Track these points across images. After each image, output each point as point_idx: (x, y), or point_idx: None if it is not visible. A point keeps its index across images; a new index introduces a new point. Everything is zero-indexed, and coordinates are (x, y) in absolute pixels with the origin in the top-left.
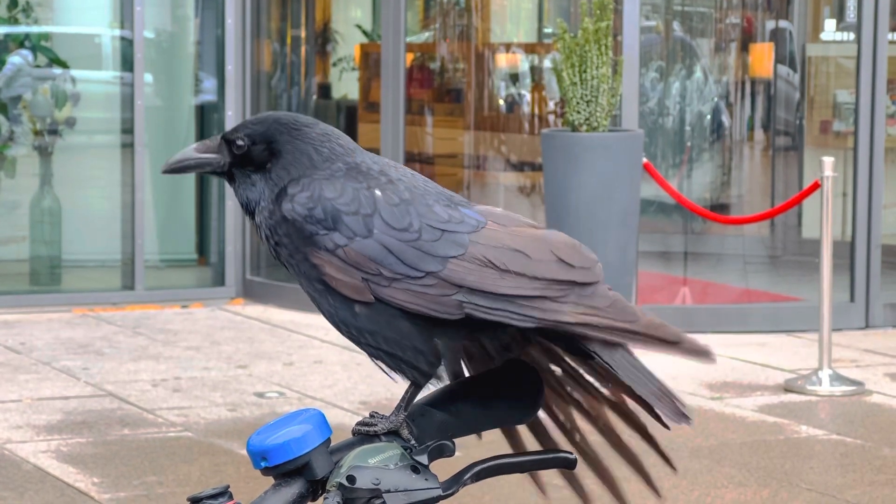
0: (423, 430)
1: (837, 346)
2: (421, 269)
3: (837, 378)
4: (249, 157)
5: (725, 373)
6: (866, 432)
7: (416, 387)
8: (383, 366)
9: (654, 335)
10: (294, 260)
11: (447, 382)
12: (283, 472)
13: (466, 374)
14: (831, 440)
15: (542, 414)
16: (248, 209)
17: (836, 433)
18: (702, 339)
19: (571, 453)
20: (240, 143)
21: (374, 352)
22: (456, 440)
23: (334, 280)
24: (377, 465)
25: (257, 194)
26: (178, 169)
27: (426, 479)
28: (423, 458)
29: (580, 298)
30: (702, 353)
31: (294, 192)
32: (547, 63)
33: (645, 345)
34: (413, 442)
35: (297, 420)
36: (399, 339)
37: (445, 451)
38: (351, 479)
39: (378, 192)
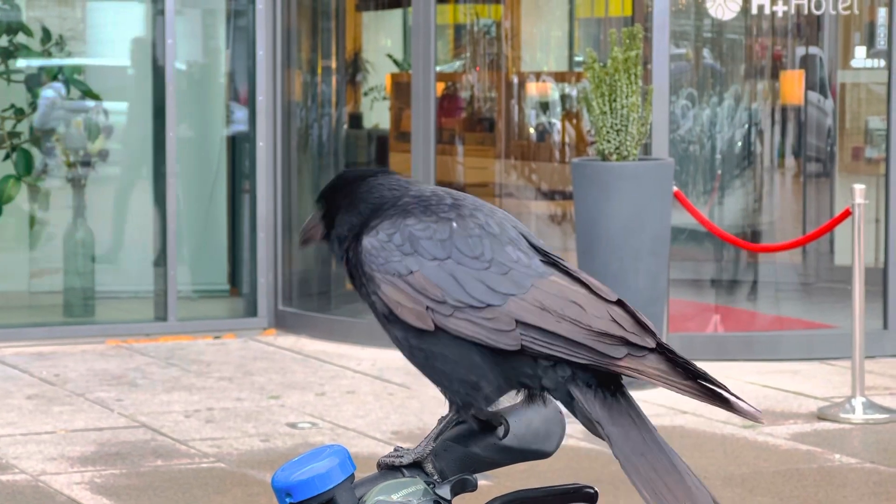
0: (445, 464)
1: (871, 373)
2: (483, 301)
3: (871, 406)
4: (331, 216)
5: (758, 401)
6: None
7: (454, 418)
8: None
9: (704, 391)
10: (367, 290)
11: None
12: None
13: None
14: (865, 468)
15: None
16: (338, 260)
17: (869, 461)
18: (734, 366)
19: (593, 487)
20: (318, 206)
21: (440, 379)
22: (481, 473)
23: (399, 307)
24: (400, 499)
25: (334, 244)
26: (306, 241)
27: None
28: (446, 493)
29: (633, 353)
30: (748, 414)
31: (376, 225)
32: (577, 92)
33: (694, 397)
34: (436, 476)
35: (321, 456)
36: (460, 370)
37: (468, 486)
38: None
39: (454, 223)
